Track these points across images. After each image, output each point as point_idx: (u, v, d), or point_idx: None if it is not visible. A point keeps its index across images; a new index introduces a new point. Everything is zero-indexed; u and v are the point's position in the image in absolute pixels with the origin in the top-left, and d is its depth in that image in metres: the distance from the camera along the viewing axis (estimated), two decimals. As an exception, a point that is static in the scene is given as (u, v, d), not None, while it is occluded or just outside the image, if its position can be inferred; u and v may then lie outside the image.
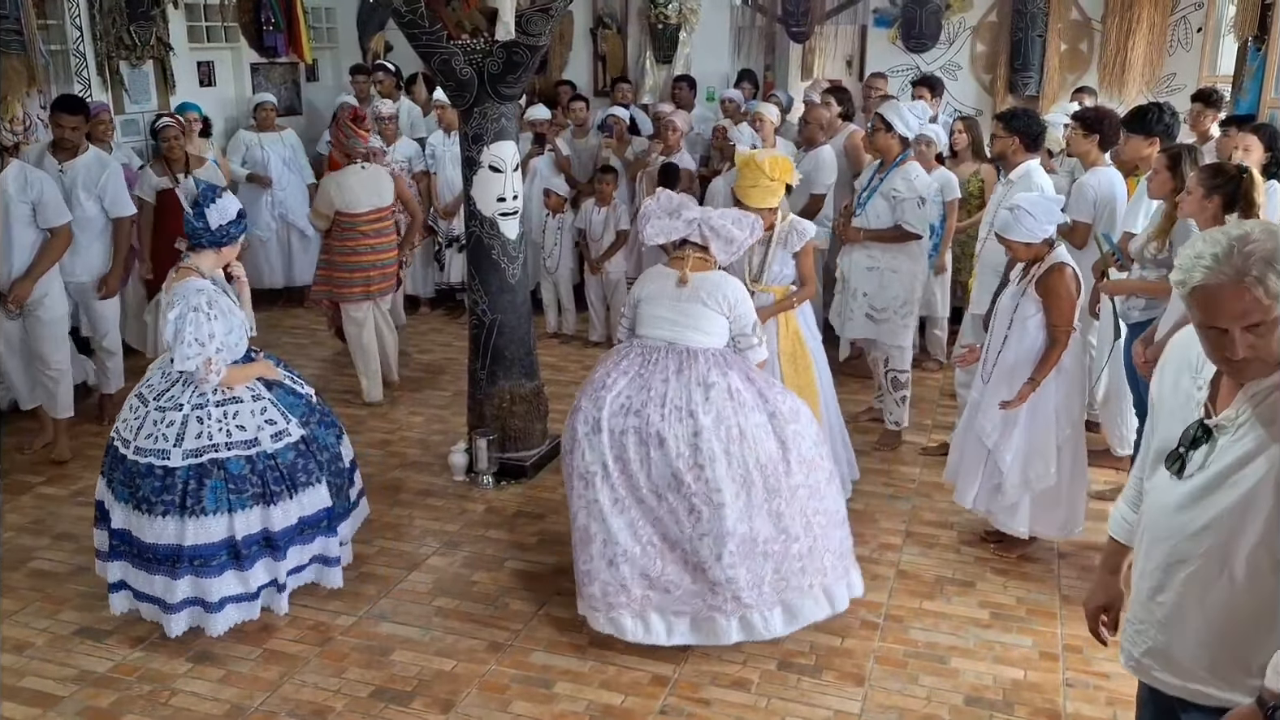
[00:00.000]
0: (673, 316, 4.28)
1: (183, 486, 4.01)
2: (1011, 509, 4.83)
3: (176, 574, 4.05)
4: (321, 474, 4.30)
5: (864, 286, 6.03)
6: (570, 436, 4.22)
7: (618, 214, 8.01)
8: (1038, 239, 4.60)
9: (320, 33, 10.57)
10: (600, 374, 4.28)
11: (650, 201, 4.57)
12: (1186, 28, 9.27)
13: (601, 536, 4.09)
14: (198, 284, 4.06)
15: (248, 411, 4.15)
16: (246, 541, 4.10)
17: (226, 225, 4.14)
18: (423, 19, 5.23)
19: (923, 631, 4.37)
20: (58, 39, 7.80)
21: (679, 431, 4.02)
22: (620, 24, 10.83)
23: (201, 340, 3.98)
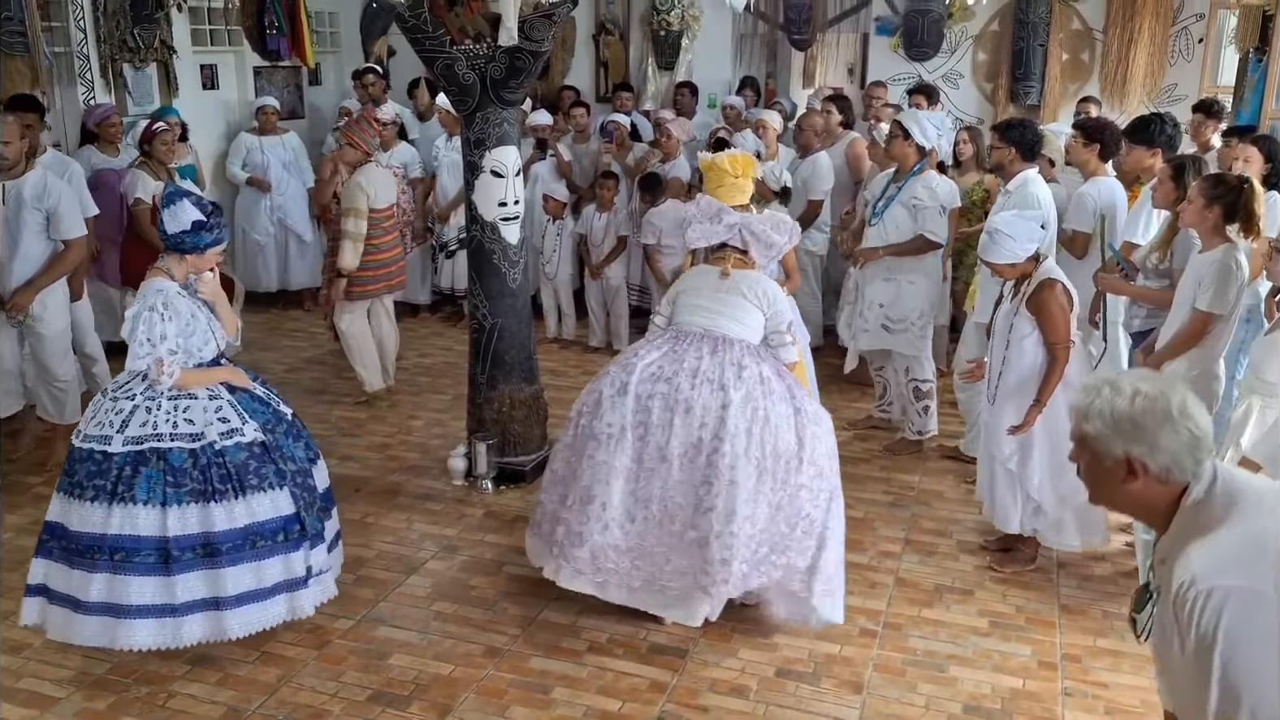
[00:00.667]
0: (711, 305, 4.43)
1: (117, 472, 3.87)
2: (1057, 527, 4.80)
3: (95, 567, 3.86)
4: (281, 482, 4.06)
5: (880, 298, 6.00)
6: (592, 399, 4.30)
7: (618, 219, 8.02)
8: (1019, 258, 4.58)
9: (323, 37, 10.58)
10: (631, 349, 4.46)
11: (692, 207, 4.74)
12: (1188, 39, 9.29)
13: (602, 500, 4.17)
14: (159, 284, 4.02)
15: (200, 408, 4.02)
16: (180, 543, 3.87)
17: (180, 234, 4.01)
18: (426, 24, 5.24)
19: (921, 640, 4.37)
20: (61, 41, 7.82)
21: (708, 402, 4.11)
22: (622, 30, 10.84)
23: (153, 340, 3.92)
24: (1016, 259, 4.59)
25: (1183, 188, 4.72)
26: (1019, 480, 4.77)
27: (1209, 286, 4.37)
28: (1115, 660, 4.23)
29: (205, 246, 4.07)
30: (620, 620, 4.46)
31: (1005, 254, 4.58)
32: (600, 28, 10.86)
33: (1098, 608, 4.60)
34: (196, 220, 4.02)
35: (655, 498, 4.15)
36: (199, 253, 4.08)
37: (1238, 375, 4.87)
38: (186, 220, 4.01)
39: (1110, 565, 4.98)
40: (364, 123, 7.04)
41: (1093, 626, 4.46)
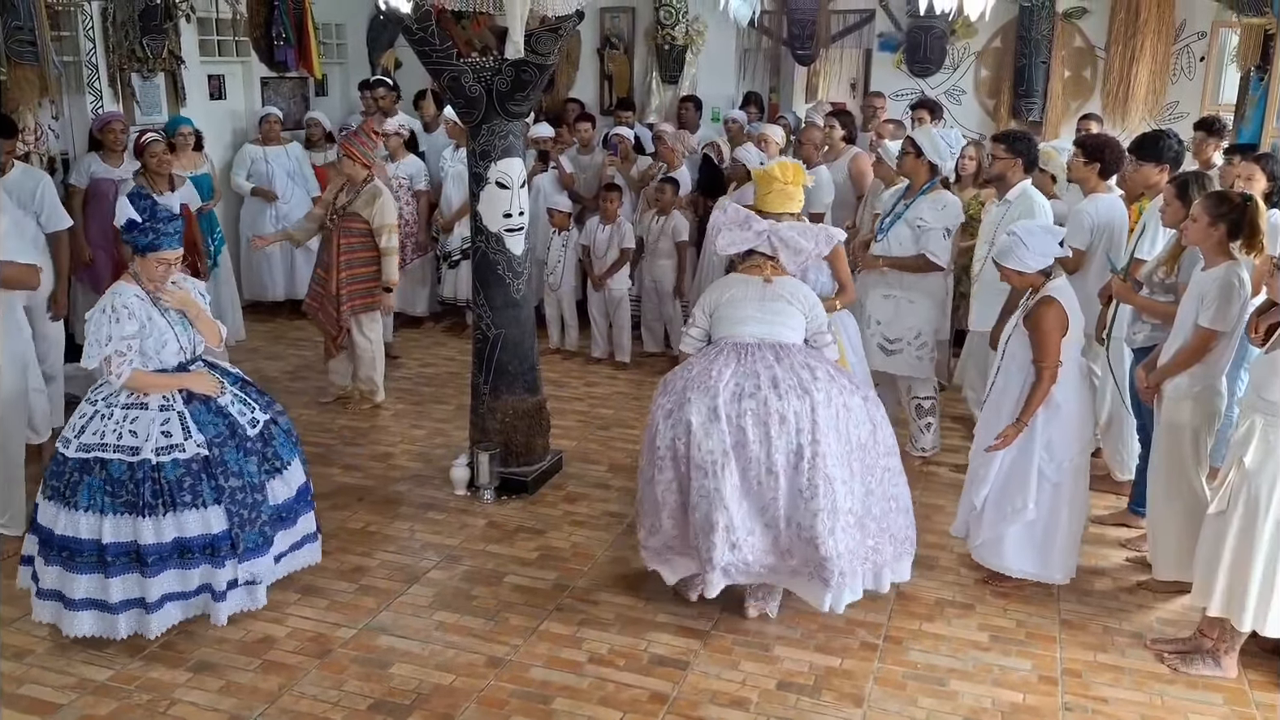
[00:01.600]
0: (760, 315, 4.54)
1: (68, 476, 4.09)
2: (994, 544, 4.78)
3: (49, 559, 4.14)
4: (217, 499, 4.17)
5: (878, 314, 6.00)
6: (682, 430, 4.32)
7: (622, 231, 8.05)
8: (1030, 269, 4.58)
9: (330, 48, 10.62)
10: (699, 371, 4.43)
11: (718, 214, 4.81)
12: (1190, 57, 9.33)
13: (724, 524, 4.25)
14: (118, 288, 4.17)
15: (148, 419, 4.14)
16: (114, 549, 4.07)
17: (121, 232, 4.14)
18: (433, 36, 5.28)
19: (922, 653, 4.37)
20: (70, 50, 7.85)
21: (798, 408, 4.24)
22: (627, 44, 10.90)
23: (100, 341, 4.05)
24: (1026, 269, 4.59)
25: (1189, 204, 4.73)
26: (972, 484, 4.79)
27: (1212, 303, 4.38)
28: (1115, 676, 4.24)
29: (142, 248, 4.14)
30: (621, 631, 4.48)
31: (1015, 260, 4.59)
32: (605, 42, 10.92)
33: (1098, 623, 4.61)
34: (129, 219, 4.11)
35: (768, 507, 4.28)
36: (142, 254, 4.16)
37: (1238, 392, 4.88)
38: (122, 217, 4.13)
39: (1111, 581, 4.99)
40: (362, 134, 7.10)
41: (1093, 641, 4.47)
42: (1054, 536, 4.71)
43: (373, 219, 6.83)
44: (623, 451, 6.45)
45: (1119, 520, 5.53)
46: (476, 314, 5.83)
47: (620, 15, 10.80)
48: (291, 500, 4.52)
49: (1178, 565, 4.62)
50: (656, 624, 4.54)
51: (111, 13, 7.98)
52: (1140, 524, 5.30)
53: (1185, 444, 4.60)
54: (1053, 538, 4.71)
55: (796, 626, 4.52)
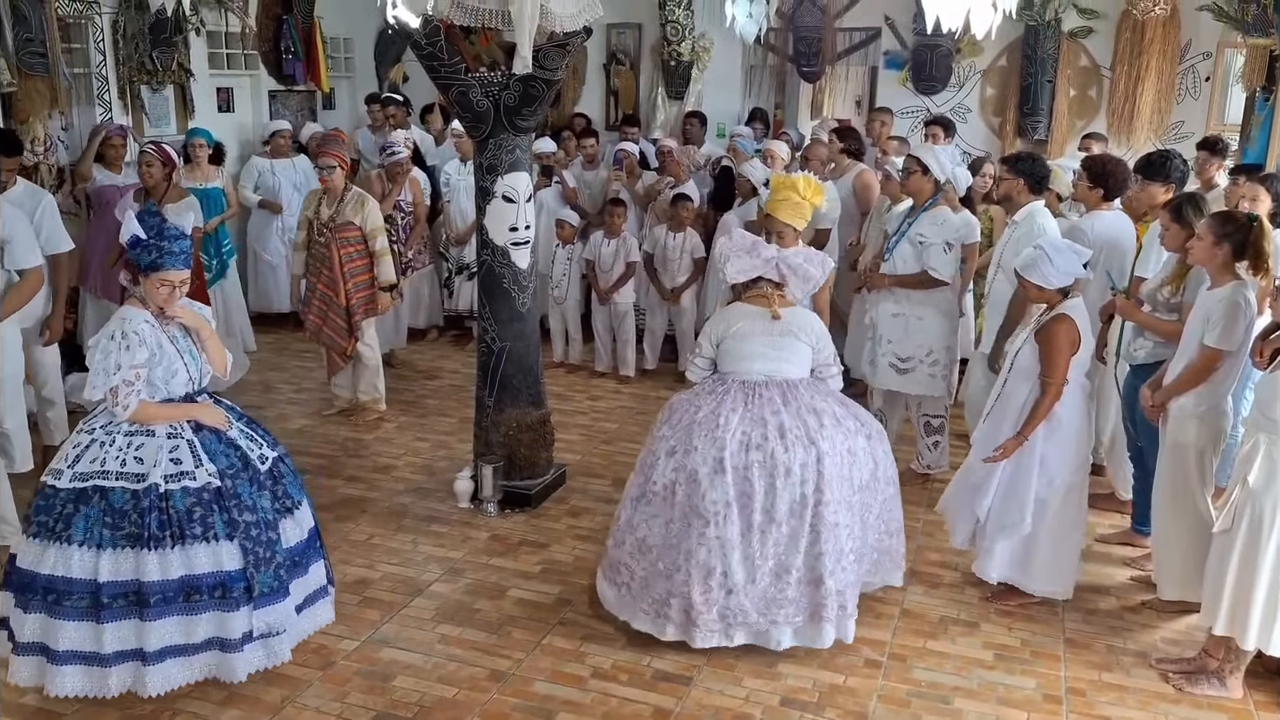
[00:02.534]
0: (766, 351, 4.51)
1: (60, 509, 3.72)
2: (986, 553, 4.80)
3: (28, 606, 3.72)
4: (231, 534, 3.81)
5: (889, 333, 6.00)
6: (685, 477, 4.31)
7: (627, 246, 8.07)
8: (1050, 285, 4.60)
9: (338, 62, 10.68)
10: (706, 414, 4.40)
11: (726, 241, 4.77)
12: (1195, 77, 9.36)
13: (721, 569, 4.26)
14: (126, 312, 3.88)
15: (154, 446, 3.82)
16: (110, 589, 3.68)
17: (126, 249, 3.86)
18: (442, 51, 5.30)
19: (926, 671, 4.36)
20: (81, 62, 7.90)
21: (804, 459, 4.25)
22: (633, 60, 10.94)
23: (108, 370, 3.75)
24: (1047, 284, 4.60)
25: (1188, 225, 4.74)
26: (974, 497, 4.79)
27: (1217, 323, 4.39)
28: (1120, 695, 4.22)
29: (145, 268, 3.86)
30: (625, 647, 4.47)
31: (1038, 275, 4.61)
32: (611, 57, 10.96)
33: (1102, 642, 4.60)
34: (134, 235, 3.85)
35: (770, 554, 4.28)
36: (146, 274, 3.87)
37: (1243, 412, 4.88)
38: (126, 234, 3.85)
39: (1115, 600, 4.98)
40: (336, 142, 7.20)
41: (1098, 660, 4.46)
42: (1034, 549, 4.73)
43: (365, 224, 6.88)
44: (626, 466, 6.43)
45: (1123, 539, 5.52)
46: (482, 327, 5.85)
47: (627, 31, 10.85)
48: (304, 544, 4.16)
49: (1182, 585, 4.61)
50: (660, 639, 4.53)
51: (122, 25, 8.04)
52: (1144, 543, 5.30)
53: (1190, 464, 4.59)
54: (1033, 550, 4.73)
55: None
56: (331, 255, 6.83)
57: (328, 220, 6.88)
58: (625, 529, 4.54)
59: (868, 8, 9.81)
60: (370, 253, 6.96)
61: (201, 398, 4.06)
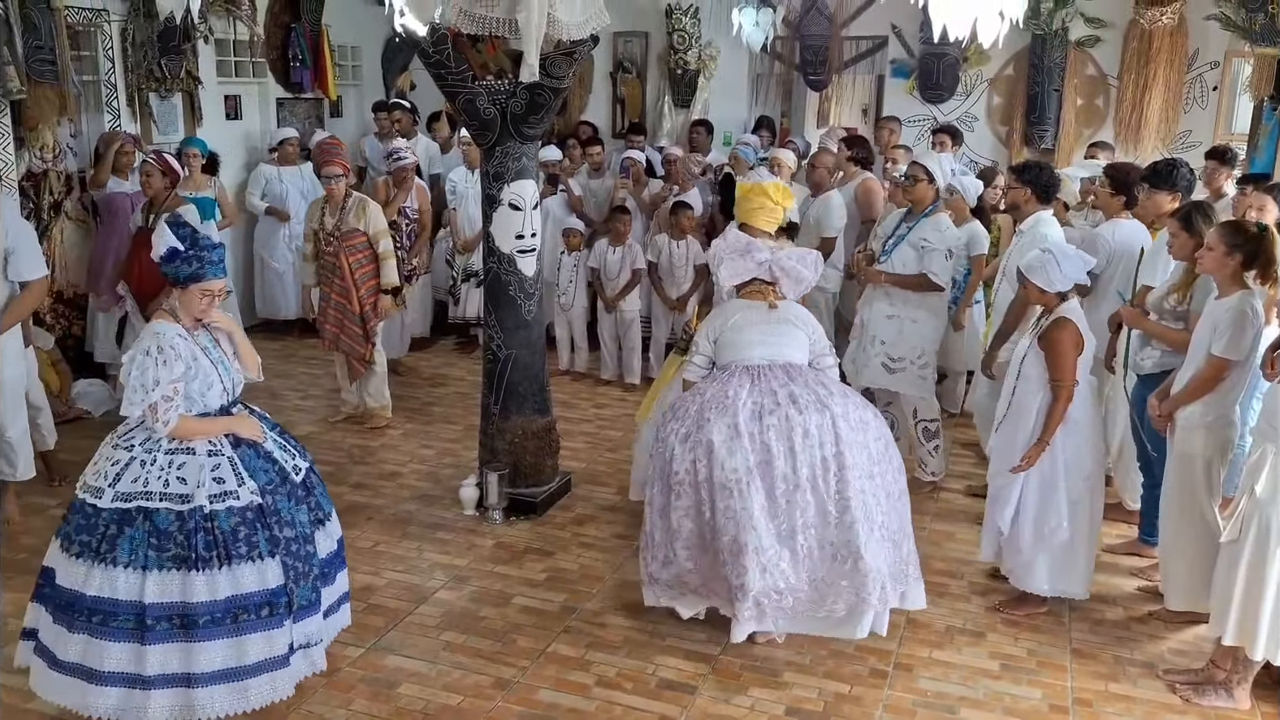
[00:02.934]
0: (765, 338, 4.59)
1: (103, 530, 3.66)
2: (1027, 566, 4.79)
3: (73, 626, 3.66)
4: (274, 551, 3.78)
5: (882, 334, 6.01)
6: (703, 451, 4.29)
7: (633, 253, 8.07)
8: (1051, 288, 4.62)
9: (346, 70, 10.70)
10: (713, 394, 4.43)
11: (720, 243, 4.84)
12: (1202, 86, 9.35)
13: (754, 545, 4.19)
14: (158, 327, 3.80)
15: (196, 465, 3.75)
16: (156, 610, 3.62)
17: (161, 262, 3.78)
18: (449, 59, 5.32)
19: (932, 681, 4.35)
20: (90, 70, 7.92)
21: (820, 421, 4.27)
22: (640, 68, 10.96)
23: (146, 385, 3.68)
24: (1049, 287, 4.62)
25: (1197, 234, 4.74)
26: (994, 509, 4.79)
27: (1225, 332, 4.38)
28: (1127, 705, 4.21)
29: (184, 279, 3.80)
30: (629, 655, 4.47)
31: (1042, 277, 4.62)
32: (618, 66, 10.99)
33: (1109, 652, 4.58)
34: (171, 248, 3.78)
35: (799, 528, 4.24)
36: (183, 286, 3.82)
37: (1251, 421, 4.86)
38: (163, 246, 3.78)
39: (1122, 610, 4.96)
40: (334, 148, 7.22)
41: (1104, 671, 4.44)
42: (1078, 553, 4.74)
43: (369, 228, 6.93)
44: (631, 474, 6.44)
45: (1130, 549, 5.50)
46: (487, 334, 5.85)
47: (634, 40, 10.87)
48: (333, 554, 4.17)
49: (1189, 595, 4.60)
50: (665, 648, 4.53)
51: (131, 33, 8.06)
52: (1151, 553, 5.28)
53: (1198, 474, 4.58)
54: (1077, 555, 4.74)
55: (806, 652, 4.50)
56: (342, 264, 6.86)
57: (333, 229, 6.91)
58: (664, 542, 4.45)
59: (874, 16, 9.82)
60: (375, 256, 7.02)
61: (236, 408, 4.00)
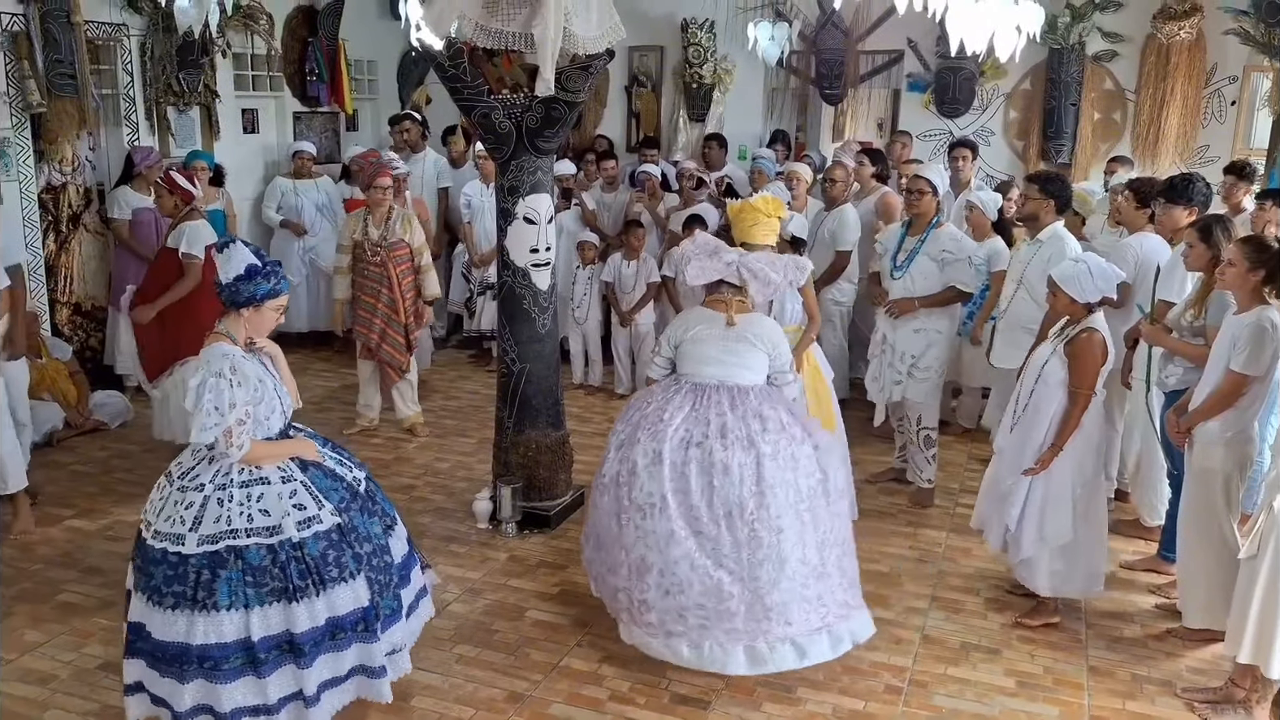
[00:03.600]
0: (720, 356, 4.50)
1: (195, 576, 3.56)
2: (1029, 565, 4.81)
3: (185, 677, 3.57)
4: (359, 569, 3.76)
5: (911, 349, 5.98)
6: (627, 469, 4.34)
7: (647, 267, 8.07)
8: (1081, 299, 4.62)
9: (362, 84, 10.76)
10: (654, 409, 4.45)
11: (688, 243, 4.79)
12: (1221, 100, 9.31)
13: (659, 567, 4.22)
14: (223, 348, 3.68)
15: (274, 494, 3.69)
16: (265, 644, 3.59)
17: (235, 281, 3.70)
18: (465, 73, 5.33)
19: (947, 698, 4.32)
20: (109, 84, 7.99)
21: (742, 459, 4.20)
22: (655, 82, 10.99)
23: (221, 409, 3.56)
24: (1081, 297, 4.62)
25: (1215, 247, 4.72)
26: (1004, 504, 4.79)
27: (1244, 348, 4.35)
28: (1144, 724, 4.18)
29: (262, 296, 3.75)
30: (642, 669, 4.44)
31: (1076, 289, 4.61)
32: (633, 79, 11.01)
33: (1127, 670, 4.54)
34: (251, 265, 3.71)
35: (709, 557, 4.19)
36: (256, 305, 3.76)
37: (1270, 437, 4.83)
38: (240, 264, 3.70)
39: (1140, 627, 4.92)
40: (380, 164, 7.22)
41: (1121, 689, 4.40)
42: (1081, 555, 4.76)
43: (413, 240, 7.09)
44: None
45: (1148, 566, 5.46)
46: (502, 348, 5.86)
47: (649, 54, 10.90)
48: (406, 555, 4.16)
49: (1208, 613, 4.56)
50: (678, 663, 4.51)
51: (150, 48, 8.13)
52: (1169, 570, 5.24)
53: (1216, 490, 4.55)
54: (1080, 557, 4.76)
55: (819, 669, 4.46)
56: (391, 275, 6.97)
57: (379, 240, 6.99)
58: (589, 526, 4.65)
59: (891, 30, 9.81)
60: (416, 268, 7.17)
61: (291, 430, 3.96)
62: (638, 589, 4.28)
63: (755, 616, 4.18)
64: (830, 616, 4.29)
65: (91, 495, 6.19)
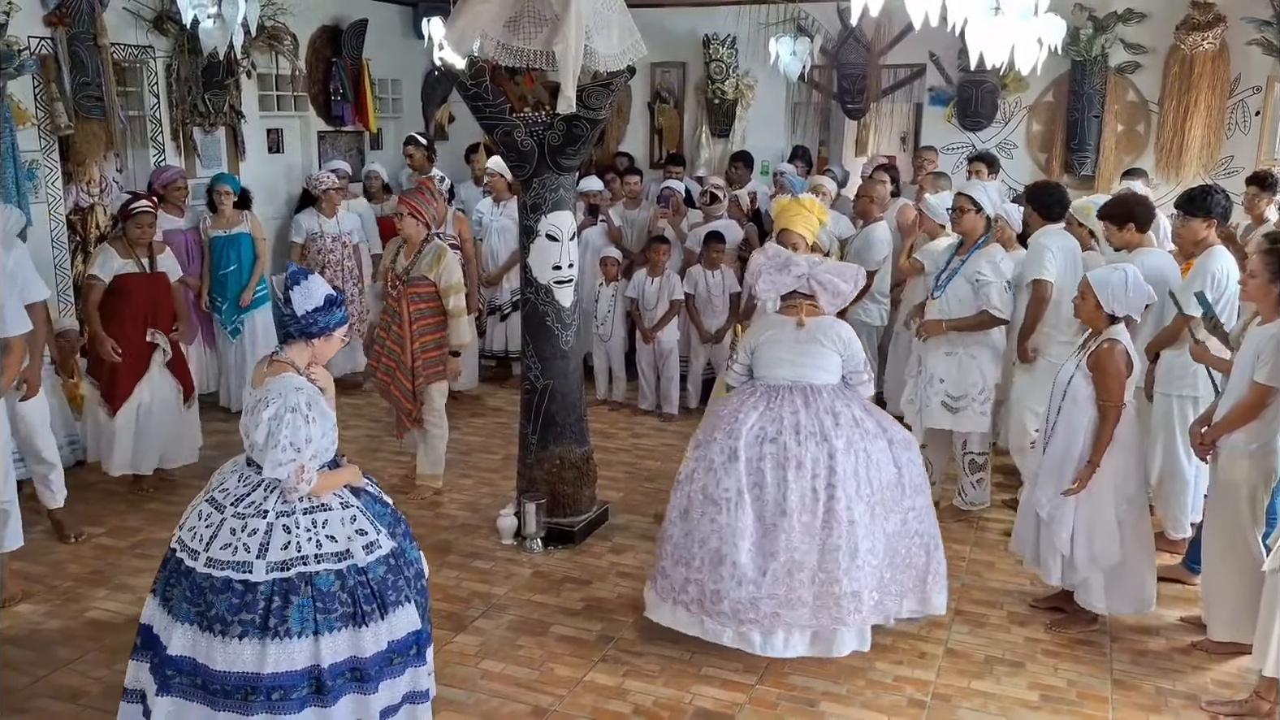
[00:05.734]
0: (793, 357, 4.71)
1: (265, 604, 3.48)
2: (1085, 586, 4.81)
3: (250, 709, 3.46)
4: (410, 592, 3.76)
5: (940, 372, 5.95)
6: (704, 466, 4.56)
7: (670, 284, 8.10)
8: (1109, 308, 4.62)
9: (386, 103, 10.84)
10: (730, 410, 4.68)
11: (759, 257, 5.04)
12: (1244, 111, 9.26)
13: (732, 559, 4.41)
14: (296, 382, 3.63)
15: (337, 520, 3.67)
16: (333, 671, 3.53)
17: (313, 312, 3.68)
18: (487, 92, 5.38)
19: (971, 712, 4.31)
20: (136, 106, 8.08)
21: (816, 455, 4.42)
22: (678, 99, 11.03)
23: (298, 445, 3.53)
24: (1107, 305, 4.62)
25: None
26: (1051, 532, 4.77)
27: (1269, 359, 4.33)
28: (1170, 738, 4.15)
29: (335, 325, 3.77)
30: (666, 684, 4.46)
31: (1105, 293, 4.62)
32: (656, 96, 11.05)
33: (1151, 683, 4.51)
34: (329, 295, 3.73)
35: (781, 550, 4.38)
36: (328, 334, 3.77)
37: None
38: (319, 296, 3.70)
39: (1165, 640, 4.89)
40: (425, 191, 6.77)
41: (1146, 703, 4.38)
42: (1131, 573, 4.75)
43: (439, 280, 6.37)
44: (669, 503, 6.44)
45: (1173, 575, 5.42)
46: (525, 365, 5.88)
47: (671, 70, 10.95)
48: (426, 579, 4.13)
49: (1233, 626, 4.54)
50: (702, 677, 4.52)
51: (175, 69, 8.21)
52: (1194, 581, 5.21)
53: (1241, 502, 4.52)
54: (1130, 575, 4.75)
55: (843, 683, 4.48)
56: (402, 311, 6.38)
57: (401, 273, 6.44)
58: (665, 531, 4.73)
59: (912, 44, 9.81)
60: (444, 311, 6.47)
61: (341, 458, 3.95)
62: (711, 580, 4.45)
63: (826, 605, 4.39)
64: (899, 603, 4.59)
65: (121, 513, 6.26)
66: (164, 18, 7.95)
